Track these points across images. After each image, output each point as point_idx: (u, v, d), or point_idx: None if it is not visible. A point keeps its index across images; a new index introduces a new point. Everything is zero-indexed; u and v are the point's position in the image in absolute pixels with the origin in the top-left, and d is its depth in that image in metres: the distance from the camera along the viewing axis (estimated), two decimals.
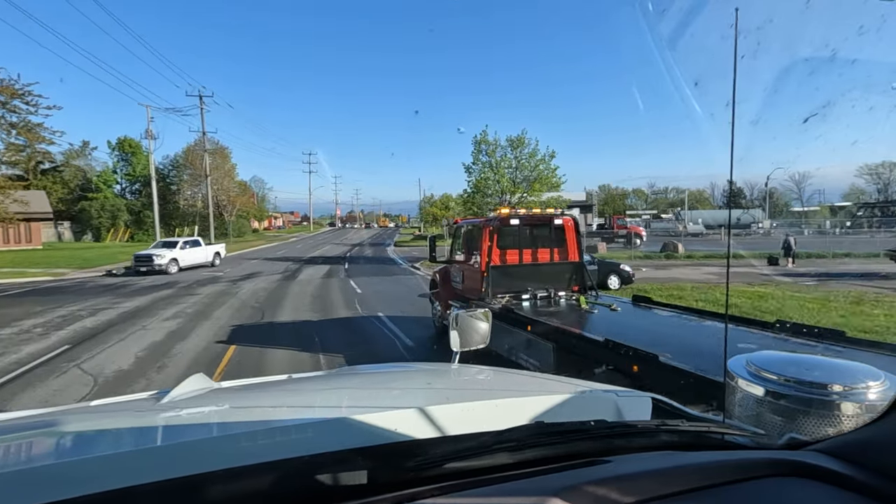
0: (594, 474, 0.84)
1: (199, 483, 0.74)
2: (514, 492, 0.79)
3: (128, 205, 50.80)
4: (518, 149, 25.14)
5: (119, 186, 56.40)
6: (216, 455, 0.85)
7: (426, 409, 1.10)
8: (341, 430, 0.99)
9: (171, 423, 1.23)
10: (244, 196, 62.01)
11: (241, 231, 56.26)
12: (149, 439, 1.08)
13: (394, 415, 1.05)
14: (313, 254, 34.09)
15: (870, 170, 67.28)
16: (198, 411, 1.35)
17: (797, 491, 0.84)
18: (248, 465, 0.77)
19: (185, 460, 0.82)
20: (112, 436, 1.13)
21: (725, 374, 1.70)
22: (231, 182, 58.43)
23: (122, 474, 0.75)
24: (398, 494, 0.77)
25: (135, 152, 54.73)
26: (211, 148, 52.45)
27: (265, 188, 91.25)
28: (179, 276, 20.40)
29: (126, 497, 0.71)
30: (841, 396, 1.37)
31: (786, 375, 1.46)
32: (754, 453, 1.01)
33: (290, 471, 0.80)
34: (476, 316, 2.06)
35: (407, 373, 2.07)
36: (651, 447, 1.02)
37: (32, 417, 1.42)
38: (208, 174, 43.43)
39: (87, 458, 0.90)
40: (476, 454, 0.87)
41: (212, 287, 16.57)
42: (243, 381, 1.88)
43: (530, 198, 25.32)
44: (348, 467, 0.81)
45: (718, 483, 0.84)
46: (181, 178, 53.88)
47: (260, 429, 1.02)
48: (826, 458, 0.93)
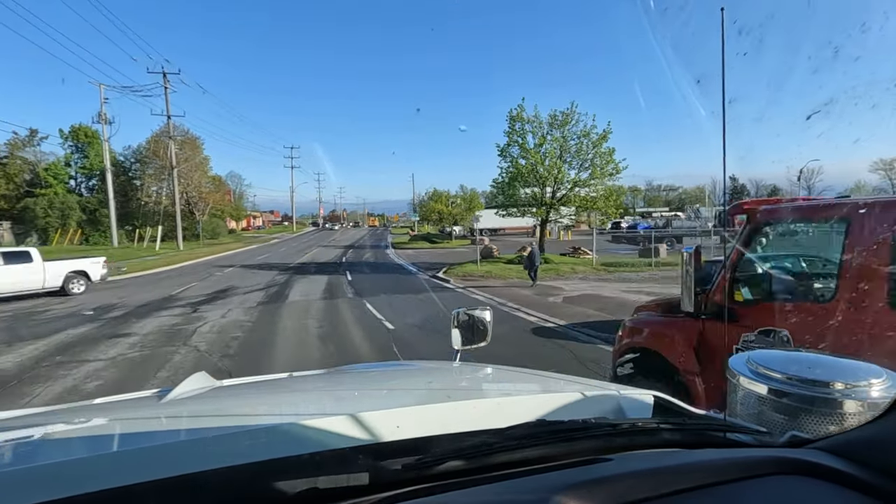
0: (595, 473, 0.84)
1: (201, 480, 0.74)
2: (514, 490, 0.79)
3: (82, 202, 43.97)
4: (564, 126, 19.86)
5: (73, 181, 49.31)
6: (218, 453, 0.85)
7: (427, 407, 1.16)
8: (343, 428, 0.97)
9: (173, 421, 1.24)
10: (218, 193, 55.56)
11: (216, 232, 49.86)
12: (150, 437, 1.08)
13: (395, 413, 1.07)
14: (301, 259, 28.31)
15: (885, 165, 64.78)
16: (199, 409, 1.34)
17: (799, 489, 0.85)
18: (249, 462, 0.77)
19: (186, 458, 0.83)
20: (113, 434, 1.14)
21: (726, 371, 1.59)
22: (203, 177, 52.02)
23: (123, 472, 0.75)
24: (399, 492, 0.77)
25: (91, 142, 47.62)
26: (179, 136, 46.02)
27: (243, 185, 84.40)
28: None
29: (127, 495, 0.70)
30: (843, 394, 1.33)
31: (788, 373, 1.42)
32: (756, 451, 1.00)
33: (292, 468, 0.79)
34: (478, 313, 2.01)
35: (409, 371, 2.11)
36: (653, 445, 1.02)
37: (34, 416, 1.43)
38: (174, 165, 37.12)
39: (89, 456, 0.91)
40: (477, 452, 0.87)
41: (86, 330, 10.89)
42: (245, 380, 1.88)
43: (581, 191, 20.09)
44: (350, 465, 0.81)
45: (720, 481, 0.84)
46: (146, 172, 47.23)
47: (261, 426, 1.03)
48: (828, 456, 0.92)
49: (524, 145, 20.08)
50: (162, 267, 24.03)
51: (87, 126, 46.66)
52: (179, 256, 29.77)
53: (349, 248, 37.74)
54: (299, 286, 16.30)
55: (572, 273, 17.74)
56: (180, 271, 22.67)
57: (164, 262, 25.70)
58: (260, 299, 13.51)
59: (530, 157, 19.60)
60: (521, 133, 20.22)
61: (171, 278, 19.54)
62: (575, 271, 18.01)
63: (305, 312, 11.44)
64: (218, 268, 23.52)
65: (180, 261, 27.25)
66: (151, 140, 46.65)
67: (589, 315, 10.28)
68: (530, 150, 19.72)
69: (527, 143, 20.12)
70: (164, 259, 27.70)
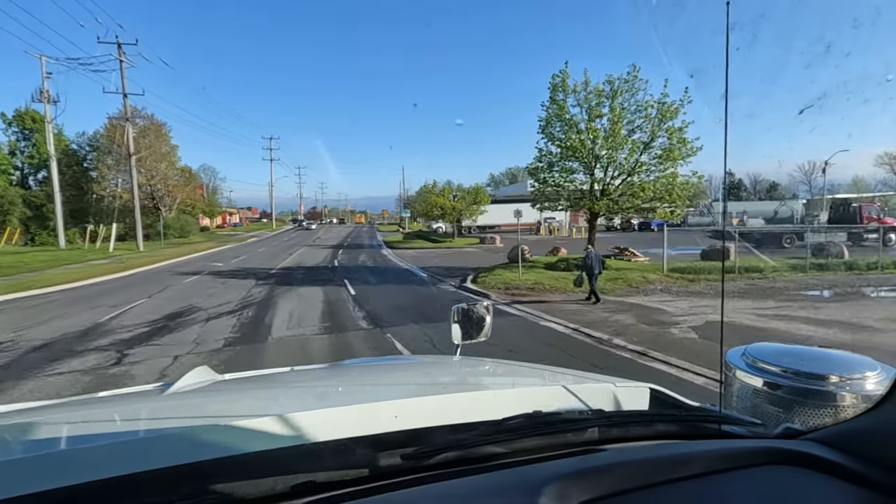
0: (589, 462, 0.85)
1: (203, 469, 0.74)
2: (510, 479, 0.80)
3: (27, 196, 38.17)
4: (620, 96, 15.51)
5: (19, 173, 43.29)
6: (219, 443, 0.85)
7: (426, 399, 1.17)
8: (343, 419, 0.96)
9: (175, 412, 1.23)
10: (189, 187, 50.01)
11: (185, 230, 44.43)
12: (152, 428, 1.07)
13: (394, 404, 1.06)
14: (284, 262, 23.61)
15: (891, 159, 62.70)
16: (201, 401, 1.34)
17: (791, 479, 0.85)
18: (249, 452, 0.78)
19: (188, 448, 0.82)
20: (115, 425, 1.13)
21: (722, 365, 1.68)
22: (171, 168, 46.54)
23: (126, 462, 0.75)
24: (397, 481, 0.79)
25: (40, 128, 41.75)
26: (141, 121, 40.48)
27: (217, 178, 78.15)
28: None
29: (130, 483, 0.71)
30: (837, 387, 1.38)
31: (783, 366, 1.47)
32: (750, 442, 1.00)
33: (293, 458, 0.80)
34: (478, 309, 2.04)
35: (408, 364, 2.12)
36: (648, 437, 1.02)
37: (36, 409, 1.42)
38: (131, 152, 31.74)
39: (90, 446, 0.91)
40: (474, 443, 0.88)
41: None
42: (247, 374, 1.88)
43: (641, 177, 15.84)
44: (349, 455, 0.83)
45: (714, 471, 0.85)
46: (103, 161, 41.53)
47: (262, 417, 0.99)
48: (820, 447, 0.93)
49: (571, 120, 15.68)
50: (110, 274, 19.05)
51: (36, 111, 40.65)
52: (136, 260, 24.69)
53: (339, 248, 33.08)
54: (286, 306, 11.77)
55: (646, 283, 13.57)
56: (130, 281, 17.77)
57: (115, 269, 20.68)
58: (228, 333, 8.97)
59: (587, 132, 15.17)
60: (562, 107, 15.80)
61: (115, 292, 14.73)
62: (648, 280, 13.83)
63: (306, 357, 6.98)
64: (181, 275, 18.70)
65: (136, 266, 22.27)
66: (108, 125, 41.00)
67: None
68: (588, 124, 15.29)
69: (574, 116, 15.75)
70: (116, 264, 22.61)
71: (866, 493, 0.80)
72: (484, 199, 33.47)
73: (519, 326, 9.24)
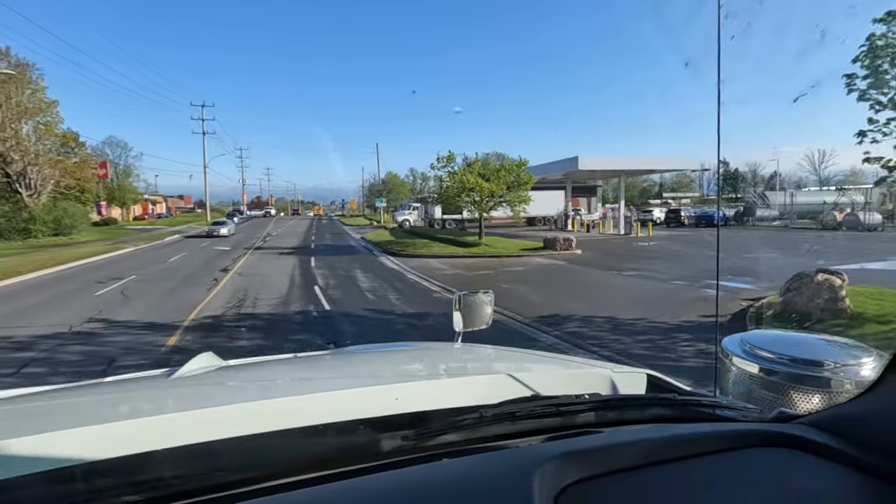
0: (584, 443, 0.86)
1: (213, 449, 0.76)
2: (507, 459, 0.82)
3: None
4: None
5: None
6: (227, 423, 0.87)
7: (426, 383, 1.21)
8: (345, 402, 0.99)
9: (183, 394, 1.25)
10: (78, 163, 35.10)
11: (66, 223, 29.92)
12: (161, 410, 1.07)
13: (395, 388, 1.08)
14: (208, 298, 11.11)
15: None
16: (208, 385, 1.36)
17: (782, 460, 0.86)
18: (256, 433, 0.80)
19: (197, 428, 0.84)
20: (122, 408, 1.15)
21: (718, 351, 1.66)
22: (45, 132, 31.83)
23: (137, 442, 0.76)
24: (398, 460, 0.81)
25: None
26: None
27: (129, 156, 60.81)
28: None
29: (143, 462, 0.71)
30: (833, 373, 1.38)
31: (779, 353, 1.46)
32: (743, 425, 1.02)
33: (297, 438, 0.82)
34: (479, 297, 2.02)
35: (410, 350, 2.12)
36: (643, 420, 1.03)
37: (40, 394, 1.42)
38: None
39: (100, 426, 0.91)
40: (472, 425, 0.89)
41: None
42: (251, 360, 1.89)
43: None
44: (351, 436, 0.84)
45: (706, 452, 0.86)
46: None
47: (268, 400, 1.02)
48: (813, 430, 0.94)
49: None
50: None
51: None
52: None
53: (304, 252, 20.62)
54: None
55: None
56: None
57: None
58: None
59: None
60: None
61: None
62: None
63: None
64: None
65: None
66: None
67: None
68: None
69: None
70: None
71: (858, 476, 0.81)
72: (529, 179, 22.14)
73: None
